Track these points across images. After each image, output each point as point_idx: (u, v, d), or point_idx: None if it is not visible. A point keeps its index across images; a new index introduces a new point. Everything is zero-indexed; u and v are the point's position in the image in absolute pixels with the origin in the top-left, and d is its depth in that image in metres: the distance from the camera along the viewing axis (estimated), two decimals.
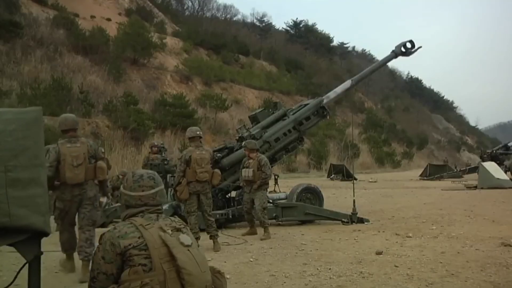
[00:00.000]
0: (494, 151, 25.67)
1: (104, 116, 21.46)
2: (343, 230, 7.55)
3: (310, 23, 64.73)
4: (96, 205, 4.85)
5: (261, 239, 6.81)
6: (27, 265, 2.23)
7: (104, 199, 5.17)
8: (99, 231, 7.09)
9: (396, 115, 58.98)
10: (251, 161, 7.23)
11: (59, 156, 4.50)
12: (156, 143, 11.34)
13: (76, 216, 4.80)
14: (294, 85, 42.42)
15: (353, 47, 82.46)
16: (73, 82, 21.70)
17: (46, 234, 2.27)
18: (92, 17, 32.85)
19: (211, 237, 6.18)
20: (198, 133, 6.34)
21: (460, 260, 5.29)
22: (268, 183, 7.47)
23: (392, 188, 17.49)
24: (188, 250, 2.15)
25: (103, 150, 10.25)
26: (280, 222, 8.27)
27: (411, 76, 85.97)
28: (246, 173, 7.16)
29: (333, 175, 23.31)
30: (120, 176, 10.06)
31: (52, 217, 4.09)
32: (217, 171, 6.47)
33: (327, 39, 65.33)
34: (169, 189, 8.03)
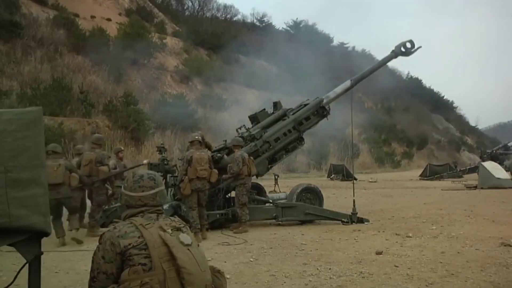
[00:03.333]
0: (494, 151, 25.73)
1: (104, 116, 21.45)
2: (343, 230, 7.56)
3: (310, 23, 64.67)
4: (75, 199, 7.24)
5: (234, 232, 7.37)
6: (27, 265, 2.23)
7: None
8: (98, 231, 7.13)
9: (396, 115, 58.88)
10: None
11: None
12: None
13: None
14: (294, 85, 42.34)
15: (353, 47, 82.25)
16: (73, 82, 21.69)
17: (46, 234, 2.27)
18: (92, 17, 32.82)
19: (200, 226, 6.96)
20: (196, 137, 7.45)
21: (460, 260, 5.30)
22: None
23: (392, 188, 17.49)
24: (188, 249, 2.15)
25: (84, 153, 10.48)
26: (280, 222, 8.28)
27: (411, 76, 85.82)
28: None
29: (333, 175, 23.30)
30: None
31: None
32: (215, 170, 7.32)
33: (327, 39, 65.18)
34: (169, 189, 8.04)
